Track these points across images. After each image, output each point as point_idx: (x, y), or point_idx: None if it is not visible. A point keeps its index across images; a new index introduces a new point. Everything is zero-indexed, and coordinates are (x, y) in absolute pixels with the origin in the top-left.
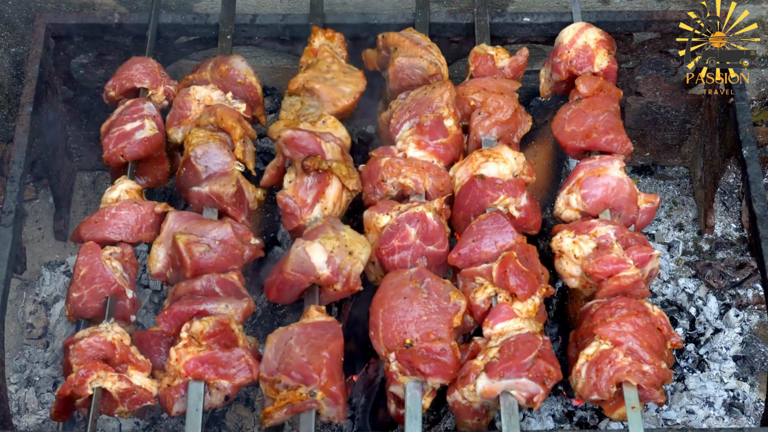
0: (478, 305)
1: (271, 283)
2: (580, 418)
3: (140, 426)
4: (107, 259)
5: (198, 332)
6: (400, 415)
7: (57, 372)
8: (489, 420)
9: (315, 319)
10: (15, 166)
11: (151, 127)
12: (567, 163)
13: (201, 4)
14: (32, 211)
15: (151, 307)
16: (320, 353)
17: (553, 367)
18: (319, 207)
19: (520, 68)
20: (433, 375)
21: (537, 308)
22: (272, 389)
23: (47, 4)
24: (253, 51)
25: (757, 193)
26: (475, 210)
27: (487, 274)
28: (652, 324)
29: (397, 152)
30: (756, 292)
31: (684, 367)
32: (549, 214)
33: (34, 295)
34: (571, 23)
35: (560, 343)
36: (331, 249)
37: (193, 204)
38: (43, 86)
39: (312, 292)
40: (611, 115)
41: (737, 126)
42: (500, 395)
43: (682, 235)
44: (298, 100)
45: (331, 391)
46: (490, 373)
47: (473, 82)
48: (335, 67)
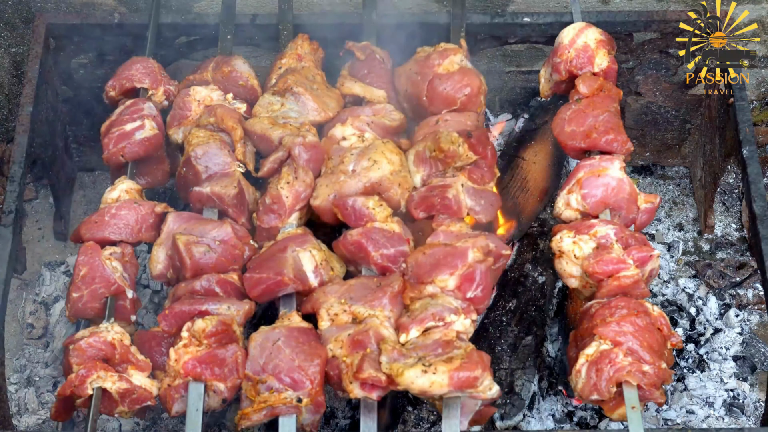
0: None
1: (259, 281)
2: (580, 418)
3: (140, 426)
4: (107, 259)
5: (200, 331)
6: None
7: (57, 372)
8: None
9: (299, 325)
10: (15, 166)
11: (151, 127)
12: (567, 163)
13: (201, 4)
14: (32, 211)
15: (151, 307)
16: (312, 360)
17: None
18: (297, 215)
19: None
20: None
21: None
22: (253, 390)
23: (47, 4)
24: (253, 51)
25: (757, 193)
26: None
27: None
28: (652, 324)
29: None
30: (756, 292)
31: (684, 367)
32: (549, 214)
33: (34, 295)
34: (571, 23)
35: (560, 343)
36: (319, 261)
37: (194, 204)
38: (43, 86)
39: (290, 297)
40: (611, 115)
41: (737, 126)
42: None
43: (682, 235)
44: (279, 101)
45: (318, 400)
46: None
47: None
48: (318, 78)
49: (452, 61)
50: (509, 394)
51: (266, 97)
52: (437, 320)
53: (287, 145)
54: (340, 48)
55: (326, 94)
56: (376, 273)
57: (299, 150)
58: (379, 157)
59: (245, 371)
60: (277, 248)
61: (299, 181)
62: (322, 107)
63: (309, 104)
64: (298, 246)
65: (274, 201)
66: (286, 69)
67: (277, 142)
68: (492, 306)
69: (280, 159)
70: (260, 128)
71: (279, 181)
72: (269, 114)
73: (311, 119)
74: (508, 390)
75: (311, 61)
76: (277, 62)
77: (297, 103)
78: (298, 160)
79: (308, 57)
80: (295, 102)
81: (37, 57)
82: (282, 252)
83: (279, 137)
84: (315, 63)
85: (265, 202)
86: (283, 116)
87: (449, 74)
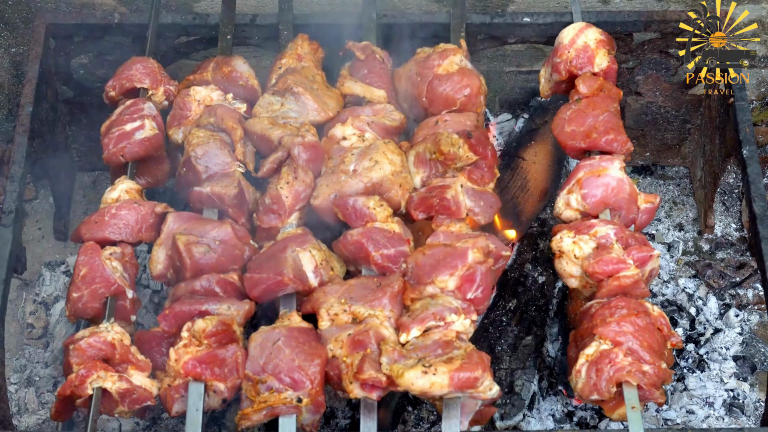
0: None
1: (259, 281)
2: (580, 418)
3: (140, 426)
4: (107, 259)
5: (200, 330)
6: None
7: (57, 372)
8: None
9: (299, 325)
10: (15, 166)
11: (151, 127)
12: (567, 163)
13: (201, 4)
14: (32, 211)
15: (151, 307)
16: (313, 360)
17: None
18: (297, 215)
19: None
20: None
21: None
22: (253, 390)
23: (47, 4)
24: (253, 51)
25: (757, 193)
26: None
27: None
28: (652, 324)
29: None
30: (756, 292)
31: (684, 367)
32: (549, 214)
33: (34, 295)
34: (571, 23)
35: (560, 343)
36: (319, 261)
37: (194, 204)
38: (43, 86)
39: (290, 297)
40: (611, 115)
41: (737, 126)
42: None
43: (682, 235)
44: (279, 101)
45: (318, 400)
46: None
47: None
48: (318, 78)
49: (452, 61)
50: (509, 394)
51: (266, 97)
52: (438, 320)
53: (287, 145)
54: (340, 48)
55: (326, 94)
56: (376, 273)
57: (299, 150)
58: (380, 157)
59: (245, 371)
60: (277, 248)
61: (299, 181)
62: (322, 107)
63: (309, 104)
64: (298, 246)
65: (274, 201)
66: (286, 69)
67: (277, 142)
68: (492, 306)
69: (280, 159)
70: (260, 128)
71: (279, 181)
72: (269, 114)
73: (311, 119)
74: (508, 390)
75: (311, 61)
76: (277, 62)
77: (297, 103)
78: (298, 160)
79: (308, 57)
80: (295, 102)
81: (37, 57)
82: (282, 252)
83: (279, 137)
84: (315, 63)
85: (265, 202)
86: (283, 116)
87: (449, 75)
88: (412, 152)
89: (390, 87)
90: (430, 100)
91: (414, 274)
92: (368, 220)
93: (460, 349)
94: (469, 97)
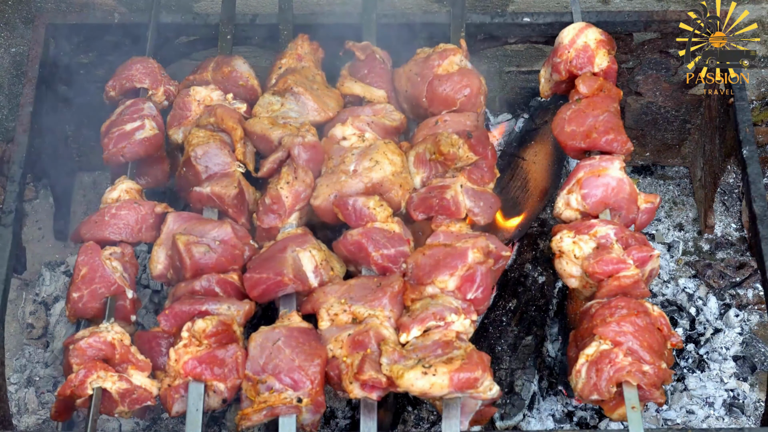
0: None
1: (259, 281)
2: (580, 418)
3: (140, 426)
4: (107, 259)
5: (200, 331)
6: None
7: (57, 372)
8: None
9: (299, 325)
10: (15, 166)
11: (151, 127)
12: (567, 163)
13: (201, 4)
14: (32, 211)
15: (151, 307)
16: (313, 360)
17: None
18: (297, 215)
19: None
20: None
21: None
22: (253, 390)
23: (47, 4)
24: (253, 51)
25: (757, 193)
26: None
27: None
28: (652, 324)
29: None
30: (756, 292)
31: (684, 367)
32: (549, 214)
33: (34, 295)
34: (571, 23)
35: (560, 343)
36: (319, 261)
37: (194, 204)
38: (43, 86)
39: (290, 297)
40: (611, 115)
41: (737, 126)
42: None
43: (682, 235)
44: (279, 101)
45: (318, 400)
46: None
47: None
48: (318, 78)
49: (452, 61)
50: (509, 394)
51: (266, 97)
52: (438, 320)
53: (287, 145)
54: (340, 48)
55: (326, 94)
56: (376, 273)
57: (299, 150)
58: (380, 157)
59: (245, 371)
60: (276, 248)
61: (299, 181)
62: (322, 107)
63: (309, 104)
64: (298, 246)
65: (274, 201)
66: (286, 69)
67: (277, 142)
68: (492, 306)
69: (280, 159)
70: (260, 128)
71: (279, 181)
72: (269, 114)
73: (311, 119)
74: (508, 390)
75: (311, 61)
76: (277, 62)
77: (297, 103)
78: (298, 160)
79: (308, 57)
80: (295, 102)
81: (37, 57)
82: (282, 252)
83: (279, 137)
84: (315, 63)
85: (265, 202)
86: (283, 116)
87: (449, 75)
88: (412, 152)
89: (390, 87)
90: (430, 100)
91: (414, 275)
92: (368, 221)
93: (460, 350)
94: (469, 97)
